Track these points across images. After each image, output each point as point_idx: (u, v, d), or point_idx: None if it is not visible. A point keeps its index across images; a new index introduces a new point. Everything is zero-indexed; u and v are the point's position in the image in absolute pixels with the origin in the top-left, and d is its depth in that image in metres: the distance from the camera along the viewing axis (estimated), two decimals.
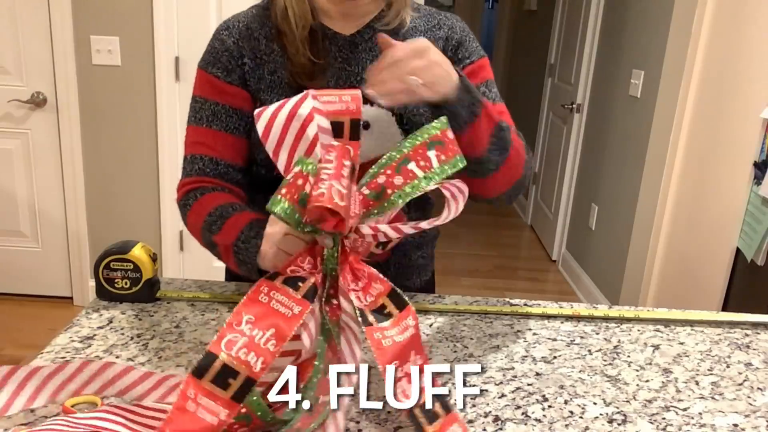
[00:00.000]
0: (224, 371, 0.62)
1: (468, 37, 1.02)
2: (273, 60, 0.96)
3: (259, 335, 0.63)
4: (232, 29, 0.97)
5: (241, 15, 1.00)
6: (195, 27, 2.51)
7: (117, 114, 2.62)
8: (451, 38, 1.01)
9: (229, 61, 0.96)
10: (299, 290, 0.67)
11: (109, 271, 0.96)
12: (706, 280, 2.18)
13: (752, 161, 1.92)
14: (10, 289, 2.87)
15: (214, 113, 0.97)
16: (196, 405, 0.61)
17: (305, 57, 0.94)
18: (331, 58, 0.96)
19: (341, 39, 0.96)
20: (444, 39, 1.00)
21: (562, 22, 3.87)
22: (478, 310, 1.00)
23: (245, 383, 0.62)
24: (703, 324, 1.01)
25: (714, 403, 0.80)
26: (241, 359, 0.62)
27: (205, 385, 0.62)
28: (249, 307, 0.65)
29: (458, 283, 3.39)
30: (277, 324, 0.64)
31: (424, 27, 1.01)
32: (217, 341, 0.63)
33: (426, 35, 0.99)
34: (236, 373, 0.62)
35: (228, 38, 0.97)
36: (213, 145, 0.97)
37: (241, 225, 0.87)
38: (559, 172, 3.71)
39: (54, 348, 0.84)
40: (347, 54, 0.97)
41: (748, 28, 2.02)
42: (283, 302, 0.66)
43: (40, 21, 2.53)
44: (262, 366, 0.62)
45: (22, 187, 2.73)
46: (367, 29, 0.97)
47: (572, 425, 0.73)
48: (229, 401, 0.62)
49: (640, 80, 2.70)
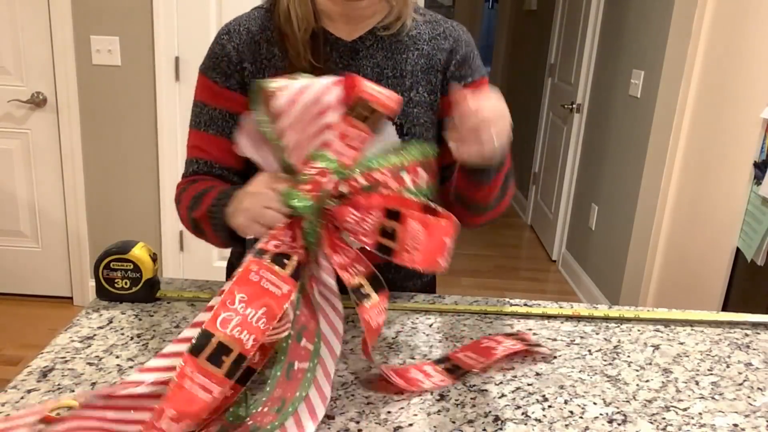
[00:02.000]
0: (219, 349, 0.63)
1: (472, 53, 1.02)
2: (273, 64, 0.96)
3: (251, 314, 0.65)
4: (233, 33, 0.97)
5: (242, 18, 0.99)
6: (195, 27, 2.51)
7: (117, 114, 2.62)
8: (456, 52, 1.00)
9: (228, 66, 0.96)
10: (286, 268, 0.69)
11: (109, 271, 0.96)
12: (706, 280, 2.18)
13: (752, 161, 1.92)
14: (10, 289, 2.87)
15: (211, 118, 0.98)
16: (192, 382, 0.63)
17: (306, 61, 0.94)
18: (332, 63, 0.96)
19: (342, 45, 0.96)
20: (448, 51, 1.00)
21: (562, 22, 3.87)
22: (478, 310, 1.00)
23: (237, 359, 0.63)
24: (703, 324, 1.01)
25: (714, 403, 0.80)
26: (235, 337, 0.64)
27: (201, 363, 0.63)
28: (241, 286, 0.66)
29: (458, 283, 3.39)
30: (268, 303, 0.66)
31: (429, 35, 1.00)
32: (212, 320, 0.64)
33: (430, 44, 0.99)
34: (229, 350, 0.63)
35: (228, 43, 0.97)
36: (209, 149, 0.99)
37: (217, 193, 0.90)
38: (559, 172, 3.71)
39: (54, 348, 0.84)
40: (348, 61, 0.96)
41: (748, 28, 2.02)
42: (272, 281, 0.68)
43: (40, 21, 2.53)
44: (253, 343, 0.64)
45: (22, 187, 2.73)
46: (368, 35, 0.97)
47: (572, 425, 0.73)
48: (222, 378, 0.63)
49: (640, 80, 2.70)
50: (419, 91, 0.98)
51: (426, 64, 0.98)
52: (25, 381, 0.76)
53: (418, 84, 0.98)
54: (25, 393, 0.74)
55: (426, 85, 0.98)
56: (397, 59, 0.97)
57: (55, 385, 0.76)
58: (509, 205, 1.07)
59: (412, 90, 0.97)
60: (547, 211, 3.97)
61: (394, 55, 0.97)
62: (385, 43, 0.97)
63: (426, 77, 0.98)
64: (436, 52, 0.99)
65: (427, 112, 0.99)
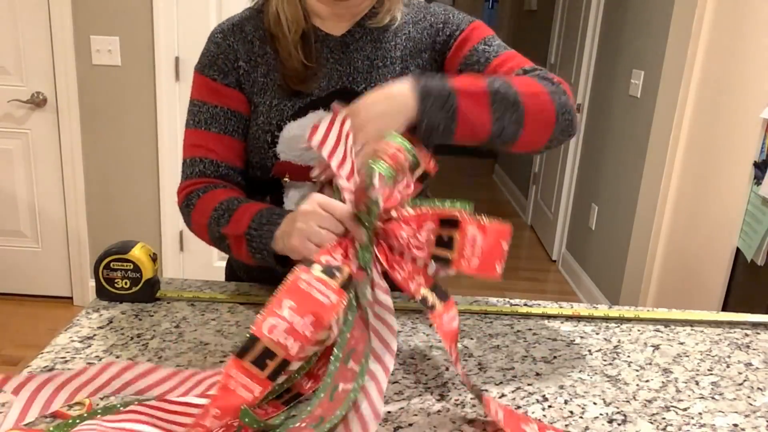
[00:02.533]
0: (264, 353, 0.64)
1: (450, 14, 1.01)
2: (266, 62, 0.97)
3: (299, 321, 0.65)
4: (227, 32, 0.98)
5: (235, 18, 1.00)
6: (195, 27, 2.51)
7: (117, 114, 2.62)
8: (435, 23, 1.00)
9: (225, 63, 0.97)
10: (336, 279, 0.69)
11: (109, 271, 0.96)
12: (706, 280, 2.18)
13: (752, 161, 1.92)
14: (10, 289, 2.87)
15: (212, 115, 0.97)
16: (236, 383, 0.64)
17: (298, 61, 0.94)
18: (323, 59, 0.97)
19: (332, 40, 0.97)
20: (429, 27, 1.00)
21: (562, 22, 3.87)
22: (478, 310, 1.00)
23: (281, 364, 0.65)
24: (703, 324, 1.01)
25: (714, 403, 0.80)
26: (281, 343, 0.64)
27: (245, 365, 0.64)
28: (291, 293, 0.66)
29: (458, 283, 3.39)
30: (316, 312, 0.66)
31: (413, 19, 1.01)
32: (260, 325, 0.65)
33: (415, 27, 1.00)
34: (274, 354, 0.64)
35: (223, 41, 0.97)
36: (213, 147, 0.98)
37: (251, 213, 0.88)
38: (559, 172, 3.71)
39: (54, 348, 0.84)
40: (339, 55, 0.97)
41: (748, 28, 2.02)
42: (321, 291, 0.67)
43: (40, 21, 2.53)
44: (299, 350, 0.65)
45: (22, 187, 2.73)
46: (357, 28, 0.98)
47: (572, 425, 0.73)
48: (264, 380, 0.64)
49: (640, 80, 2.70)
50: (408, 75, 0.98)
51: (414, 48, 0.99)
52: None
53: (407, 68, 0.99)
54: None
55: (414, 69, 0.99)
56: (386, 48, 0.98)
57: None
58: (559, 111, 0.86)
59: (402, 75, 0.98)
60: (547, 211, 3.97)
61: (383, 44, 0.98)
62: (373, 34, 0.98)
63: (414, 60, 0.99)
64: (422, 34, 1.00)
65: None
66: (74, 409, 0.70)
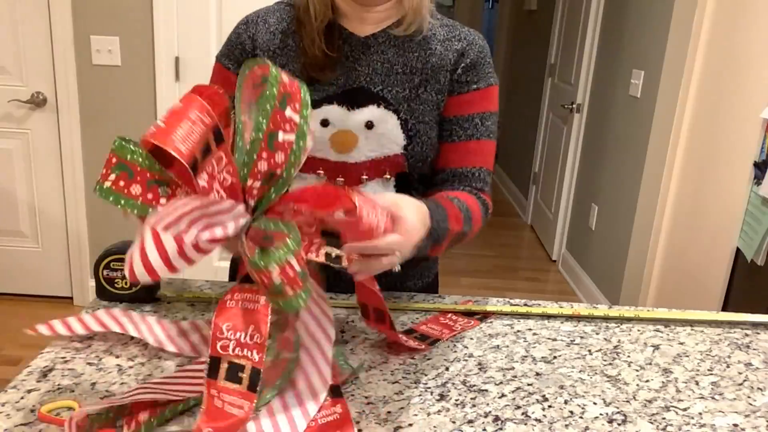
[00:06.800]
0: (232, 368, 0.66)
1: (484, 60, 1.02)
2: (285, 54, 0.99)
3: (242, 336, 0.67)
4: (251, 23, 1.01)
5: (262, 10, 1.03)
6: (195, 27, 2.51)
7: (117, 114, 2.62)
8: (466, 55, 1.00)
9: (241, 54, 1.00)
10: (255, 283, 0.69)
11: (109, 271, 0.96)
12: (706, 280, 2.18)
13: (752, 161, 1.93)
14: (10, 289, 2.87)
15: None
16: (222, 402, 0.65)
17: (319, 49, 0.96)
18: (344, 55, 0.98)
19: (355, 39, 0.99)
20: (458, 52, 1.00)
21: (562, 22, 3.87)
22: (478, 310, 1.00)
23: (253, 373, 0.66)
24: (703, 324, 1.01)
25: (714, 403, 0.80)
26: (240, 355, 0.66)
27: (221, 384, 0.66)
28: (222, 316, 0.68)
29: (458, 283, 3.39)
30: (252, 320, 0.68)
31: (443, 37, 1.01)
32: (213, 347, 0.67)
33: (443, 44, 1.00)
34: (243, 366, 0.66)
35: (245, 32, 1.01)
36: None
37: None
38: (559, 172, 3.71)
39: (54, 348, 0.84)
40: (359, 54, 0.98)
41: (748, 28, 2.02)
42: (247, 299, 0.69)
43: (40, 21, 2.53)
44: (259, 356, 0.66)
45: (22, 187, 2.73)
46: (381, 33, 0.99)
47: (572, 425, 0.73)
48: (245, 392, 0.65)
49: (640, 80, 2.70)
50: (427, 89, 0.99)
51: (436, 63, 0.99)
52: (25, 381, 0.76)
53: (427, 82, 0.99)
54: (26, 393, 0.74)
55: (434, 84, 0.99)
56: (408, 57, 0.99)
57: (55, 385, 0.76)
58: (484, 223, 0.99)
59: (420, 87, 0.99)
60: (547, 211, 3.97)
61: (406, 52, 0.99)
62: (397, 41, 0.99)
63: (435, 76, 0.99)
64: (447, 52, 1.00)
65: (433, 110, 0.99)
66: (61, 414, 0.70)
